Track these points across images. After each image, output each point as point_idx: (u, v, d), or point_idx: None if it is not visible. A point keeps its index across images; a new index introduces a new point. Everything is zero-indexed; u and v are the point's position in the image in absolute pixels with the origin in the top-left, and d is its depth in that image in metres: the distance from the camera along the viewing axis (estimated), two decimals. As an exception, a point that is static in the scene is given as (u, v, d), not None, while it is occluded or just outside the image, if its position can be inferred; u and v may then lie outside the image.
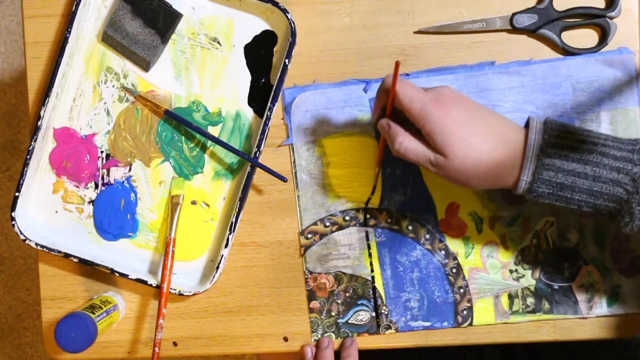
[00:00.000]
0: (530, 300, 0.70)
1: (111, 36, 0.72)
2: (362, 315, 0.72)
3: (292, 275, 0.73)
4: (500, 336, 0.71)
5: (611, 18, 0.68)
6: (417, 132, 0.60)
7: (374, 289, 0.72)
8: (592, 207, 0.59)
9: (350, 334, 0.72)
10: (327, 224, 0.72)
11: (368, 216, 0.71)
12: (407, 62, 0.71)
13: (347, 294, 0.72)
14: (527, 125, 0.62)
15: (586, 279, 0.70)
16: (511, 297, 0.70)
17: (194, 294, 0.71)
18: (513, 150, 0.58)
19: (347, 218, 0.72)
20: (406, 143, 0.59)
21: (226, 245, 0.70)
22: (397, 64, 0.56)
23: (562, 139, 0.58)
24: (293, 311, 0.73)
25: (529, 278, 0.70)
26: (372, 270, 0.72)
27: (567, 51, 0.69)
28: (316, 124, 0.71)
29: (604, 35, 0.69)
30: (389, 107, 0.61)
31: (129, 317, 0.75)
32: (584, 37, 0.69)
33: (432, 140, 0.58)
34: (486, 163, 0.58)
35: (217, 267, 0.70)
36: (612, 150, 0.57)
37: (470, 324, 0.71)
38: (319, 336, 0.72)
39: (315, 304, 0.72)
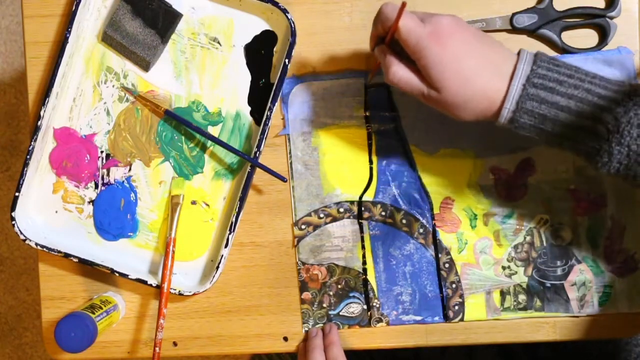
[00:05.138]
0: (522, 297, 0.70)
1: (111, 36, 0.72)
2: (354, 308, 0.72)
3: (291, 275, 0.73)
4: (499, 336, 0.71)
5: (611, 18, 0.68)
6: (413, 62, 0.59)
7: (366, 281, 0.72)
8: (572, 142, 0.57)
9: (341, 326, 0.72)
10: (321, 215, 0.72)
11: (362, 209, 0.72)
12: (407, 62, 0.71)
13: (339, 286, 0.72)
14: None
15: (578, 277, 0.70)
16: (503, 294, 0.70)
17: (194, 294, 0.71)
18: (502, 81, 0.57)
19: (341, 210, 0.72)
20: (400, 73, 0.58)
21: (226, 245, 0.70)
22: (403, 4, 0.54)
23: (550, 71, 0.56)
24: (292, 311, 0.73)
25: (521, 275, 0.70)
26: (364, 263, 0.72)
27: (567, 51, 0.69)
28: (313, 115, 0.71)
29: (604, 35, 0.69)
30: (389, 37, 0.58)
31: (129, 317, 0.75)
32: (584, 37, 0.70)
33: (427, 74, 0.57)
34: (479, 97, 0.57)
35: (217, 267, 0.70)
36: (598, 88, 0.56)
37: (462, 320, 0.71)
38: (310, 327, 0.72)
39: (307, 295, 0.72)
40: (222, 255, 0.70)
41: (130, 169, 0.74)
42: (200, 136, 0.73)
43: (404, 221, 0.71)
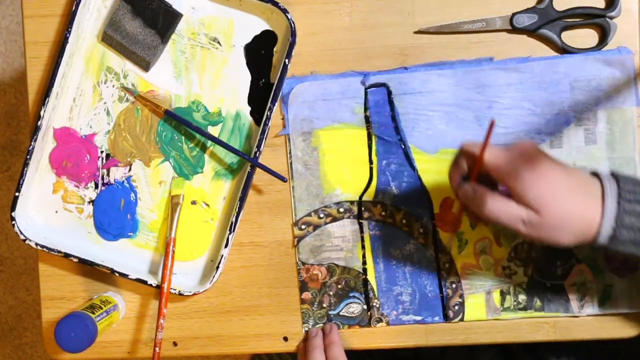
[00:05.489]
0: (522, 298, 0.70)
1: (111, 36, 0.72)
2: (354, 308, 0.72)
3: (291, 275, 0.73)
4: (499, 336, 0.71)
5: (611, 18, 0.68)
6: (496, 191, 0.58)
7: (366, 281, 0.72)
8: None
9: (341, 326, 0.72)
10: (321, 215, 0.72)
11: (362, 209, 0.72)
12: (407, 62, 0.71)
13: (339, 286, 0.72)
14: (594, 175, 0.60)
15: (578, 277, 0.70)
16: (503, 294, 0.70)
17: (194, 294, 0.71)
18: (595, 201, 0.56)
19: (341, 210, 0.72)
20: (497, 204, 0.56)
21: (226, 245, 0.70)
22: (492, 124, 0.55)
23: (636, 185, 0.57)
24: (292, 311, 0.73)
25: (521, 275, 0.70)
26: (364, 263, 0.72)
27: (567, 51, 0.69)
28: (313, 115, 0.71)
29: (604, 35, 0.69)
30: (476, 171, 0.58)
31: (129, 317, 0.75)
32: (584, 37, 0.70)
33: (524, 198, 0.55)
34: (577, 216, 0.56)
35: (217, 267, 0.70)
36: None
37: (462, 320, 0.71)
38: (310, 327, 0.72)
39: (307, 295, 0.72)
40: (222, 255, 0.70)
41: (130, 169, 0.74)
42: (200, 136, 0.73)
43: (404, 221, 0.71)
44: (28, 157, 0.71)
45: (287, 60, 0.69)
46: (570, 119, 0.69)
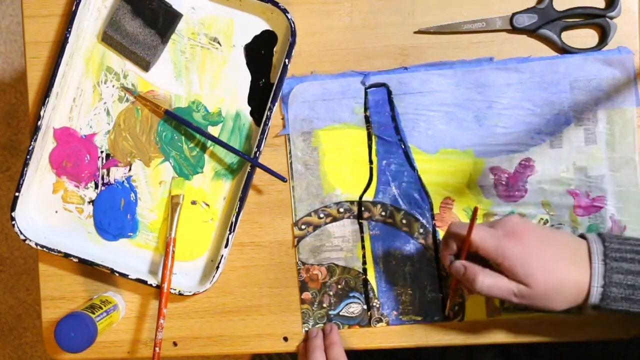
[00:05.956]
0: None
1: (111, 36, 0.72)
2: (354, 308, 0.72)
3: (291, 275, 0.73)
4: (499, 336, 0.71)
5: (611, 18, 0.68)
6: (487, 265, 0.61)
7: (366, 281, 0.72)
8: None
9: (341, 326, 0.72)
10: (321, 215, 0.72)
11: (362, 209, 0.72)
12: (407, 62, 0.71)
13: (339, 286, 0.72)
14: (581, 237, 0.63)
15: None
16: None
17: (194, 294, 0.71)
18: (584, 264, 0.59)
19: (341, 210, 0.72)
20: (488, 281, 0.59)
21: (226, 245, 0.70)
22: (475, 210, 0.58)
23: (622, 244, 0.59)
24: (292, 311, 0.73)
25: None
26: (364, 263, 0.72)
27: (567, 51, 0.69)
28: (313, 115, 0.72)
29: (604, 35, 0.69)
30: (465, 251, 0.61)
31: (129, 317, 0.75)
32: (584, 37, 0.70)
33: (513, 273, 0.58)
34: (567, 283, 0.59)
35: (217, 267, 0.70)
36: None
37: (461, 320, 0.71)
38: (310, 327, 0.72)
39: (307, 295, 0.72)
40: (222, 255, 0.70)
41: (130, 169, 0.74)
42: (200, 136, 0.73)
43: (404, 221, 0.71)
44: (28, 157, 0.71)
45: (287, 60, 0.69)
46: (570, 119, 0.69)
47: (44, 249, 0.71)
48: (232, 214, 0.70)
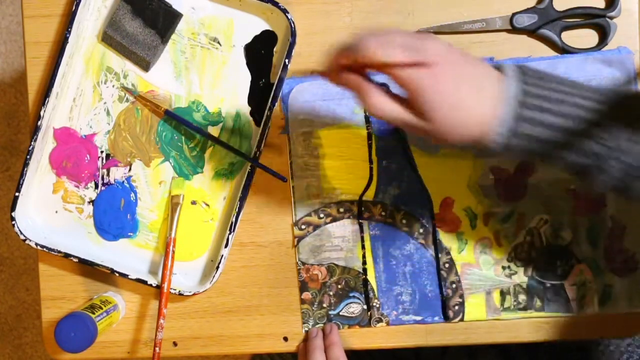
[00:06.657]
0: (522, 298, 0.70)
1: (111, 36, 0.72)
2: (354, 308, 0.72)
3: (291, 276, 0.73)
4: (499, 336, 0.71)
5: (611, 18, 0.68)
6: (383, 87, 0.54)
7: (366, 281, 0.72)
8: (563, 162, 0.53)
9: (341, 326, 0.72)
10: (321, 215, 0.72)
11: (362, 209, 0.72)
12: (407, 62, 0.71)
13: (339, 286, 0.72)
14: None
15: (578, 277, 0.70)
16: (503, 294, 0.70)
17: (194, 294, 0.71)
18: (496, 103, 0.52)
19: (341, 210, 0.72)
20: (385, 106, 0.53)
21: (226, 245, 0.70)
22: None
23: (539, 87, 0.52)
24: (292, 311, 0.73)
25: (521, 275, 0.70)
26: (364, 263, 0.72)
27: (567, 51, 0.69)
28: (313, 115, 0.71)
29: (604, 35, 0.69)
30: (366, 68, 0.53)
31: (129, 317, 0.75)
32: (584, 37, 0.70)
33: (419, 108, 0.52)
34: (472, 124, 0.52)
35: (217, 267, 0.70)
36: (586, 101, 0.52)
37: (462, 320, 0.71)
38: (310, 327, 0.72)
39: (307, 295, 0.72)
40: (222, 255, 0.70)
41: (130, 169, 0.74)
42: (200, 136, 0.73)
43: (404, 221, 0.71)
44: (28, 157, 0.71)
45: (287, 60, 0.69)
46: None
47: (44, 249, 0.71)
48: (232, 214, 0.70)
